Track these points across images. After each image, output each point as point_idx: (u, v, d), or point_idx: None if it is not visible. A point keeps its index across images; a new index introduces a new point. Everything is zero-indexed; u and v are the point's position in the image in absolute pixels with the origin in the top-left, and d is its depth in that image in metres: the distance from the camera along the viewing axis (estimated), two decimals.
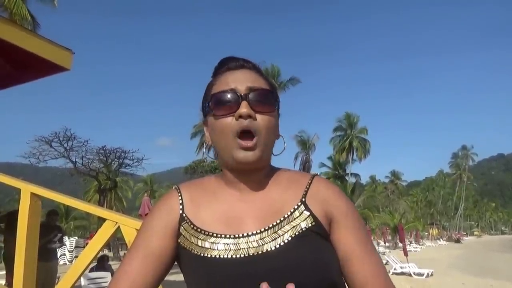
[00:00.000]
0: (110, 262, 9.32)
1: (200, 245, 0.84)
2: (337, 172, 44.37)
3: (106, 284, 6.47)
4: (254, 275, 0.77)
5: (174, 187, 0.97)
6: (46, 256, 6.26)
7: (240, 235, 0.84)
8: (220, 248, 0.82)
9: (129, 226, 2.54)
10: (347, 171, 45.34)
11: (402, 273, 14.53)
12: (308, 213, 0.86)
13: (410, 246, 32.53)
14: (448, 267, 18.76)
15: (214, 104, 0.88)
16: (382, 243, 35.02)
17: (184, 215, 0.90)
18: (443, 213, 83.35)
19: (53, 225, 7.08)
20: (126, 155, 20.98)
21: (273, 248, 0.81)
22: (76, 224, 45.70)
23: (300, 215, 0.85)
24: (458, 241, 54.74)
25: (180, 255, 0.88)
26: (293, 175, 0.95)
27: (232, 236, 0.84)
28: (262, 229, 0.84)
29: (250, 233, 0.84)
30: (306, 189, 0.90)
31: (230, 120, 0.85)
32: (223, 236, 0.84)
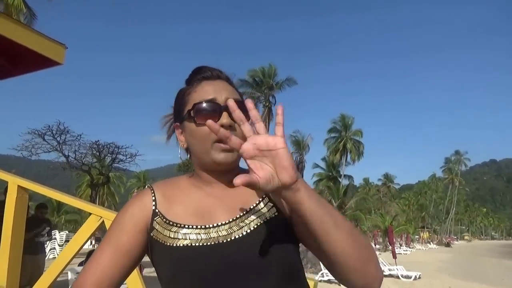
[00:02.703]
0: None
1: (172, 236, 0.91)
2: (330, 173, 44.41)
3: None
4: (222, 262, 0.86)
5: (147, 186, 1.04)
6: (34, 249, 6.29)
7: (211, 225, 0.91)
8: (192, 238, 0.89)
9: None
10: (341, 173, 45.44)
11: (390, 275, 14.64)
12: (272, 204, 0.94)
13: (400, 248, 32.73)
14: (436, 271, 18.92)
15: (196, 112, 0.94)
16: (372, 245, 35.10)
17: (157, 210, 0.96)
18: (434, 217, 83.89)
19: (42, 218, 7.08)
20: (120, 150, 20.95)
21: (240, 236, 0.89)
22: (68, 218, 45.43)
23: (265, 206, 0.94)
24: (448, 245, 55.13)
25: (152, 248, 0.94)
26: None
27: (203, 227, 0.91)
28: (231, 219, 0.92)
29: (220, 223, 0.91)
30: None
31: None
32: (194, 227, 0.91)
